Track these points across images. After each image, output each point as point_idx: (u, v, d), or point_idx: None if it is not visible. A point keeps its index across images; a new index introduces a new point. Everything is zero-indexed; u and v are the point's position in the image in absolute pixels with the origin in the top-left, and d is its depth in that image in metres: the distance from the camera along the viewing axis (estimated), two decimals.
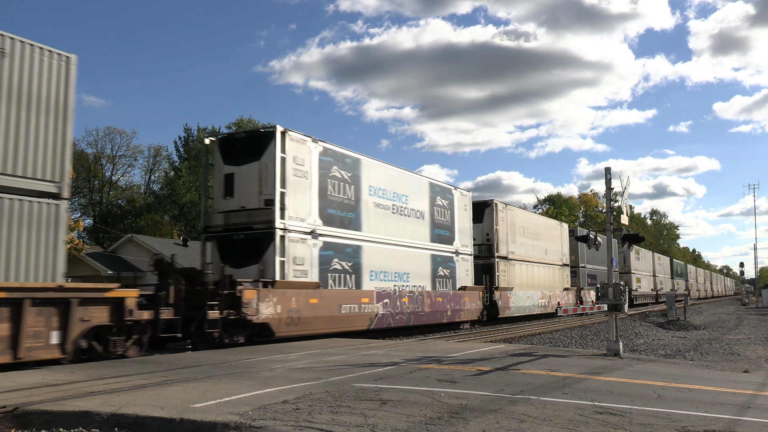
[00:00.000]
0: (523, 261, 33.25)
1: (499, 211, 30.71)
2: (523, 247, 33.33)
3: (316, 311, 17.66)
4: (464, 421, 6.53)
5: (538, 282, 35.07)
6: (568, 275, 40.24)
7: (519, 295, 31.77)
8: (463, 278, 26.58)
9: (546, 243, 36.75)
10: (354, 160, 20.32)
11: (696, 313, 46.32)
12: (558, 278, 38.37)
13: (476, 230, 29.58)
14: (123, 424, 6.57)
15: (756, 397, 8.96)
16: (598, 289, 14.14)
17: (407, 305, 22.02)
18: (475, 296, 27.05)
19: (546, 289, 35.94)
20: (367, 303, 19.98)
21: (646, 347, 20.15)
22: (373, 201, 21.00)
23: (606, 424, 6.55)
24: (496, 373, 10.27)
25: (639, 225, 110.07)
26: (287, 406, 7.09)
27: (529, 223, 34.80)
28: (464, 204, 27.41)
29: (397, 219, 22.29)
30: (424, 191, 24.32)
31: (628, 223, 15.57)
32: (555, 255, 38.16)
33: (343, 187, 19.57)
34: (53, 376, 9.62)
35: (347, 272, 19.39)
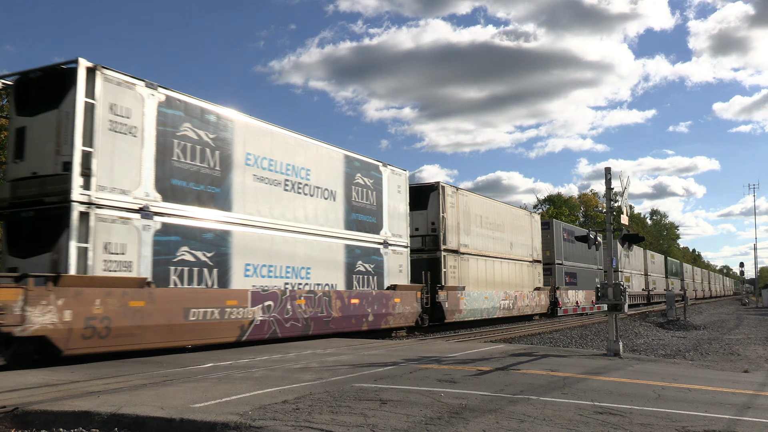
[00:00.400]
0: (480, 256, 28.46)
1: (447, 195, 25.81)
2: (480, 239, 28.55)
3: (142, 319, 12.65)
4: (464, 421, 6.53)
5: (500, 280, 30.28)
6: (540, 273, 35.52)
7: (473, 295, 26.82)
8: (395, 275, 21.83)
9: (512, 236, 32.12)
10: (221, 119, 15.38)
11: (696, 313, 46.32)
12: (527, 276, 33.76)
13: (418, 218, 25.32)
14: (123, 424, 6.57)
15: (756, 397, 8.96)
16: (597, 289, 14.11)
17: (304, 309, 17.05)
18: (410, 297, 22.13)
19: (511, 288, 31.20)
20: (236, 306, 14.87)
21: (646, 347, 20.14)
22: (253, 173, 16.07)
23: (606, 424, 6.55)
24: (496, 373, 10.27)
25: (639, 225, 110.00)
26: (287, 406, 7.09)
27: (489, 212, 29.96)
28: (398, 185, 22.64)
29: (293, 198, 17.38)
30: (335, 165, 19.33)
31: (628, 223, 15.56)
32: (523, 249, 33.59)
33: (202, 153, 14.62)
34: (53, 376, 9.62)
35: (205, 266, 14.35)
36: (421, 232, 25.49)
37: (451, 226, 26.03)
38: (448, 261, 25.49)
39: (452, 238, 25.98)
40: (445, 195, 25.70)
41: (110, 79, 12.84)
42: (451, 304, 24.80)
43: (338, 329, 18.37)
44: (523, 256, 33.47)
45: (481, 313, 27.56)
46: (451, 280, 25.45)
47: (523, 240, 33.79)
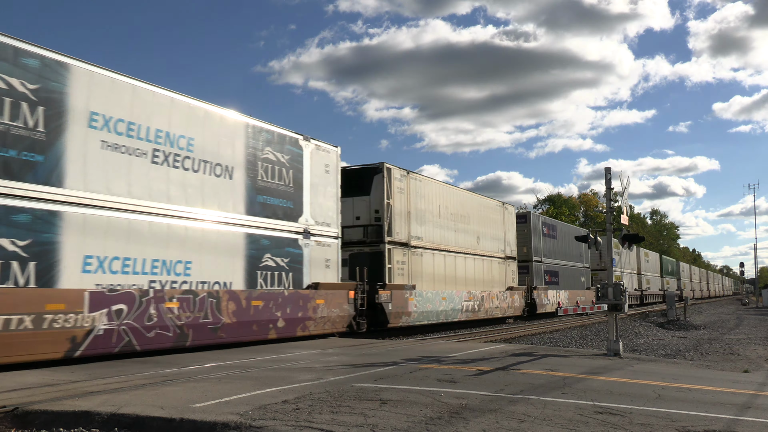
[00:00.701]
0: (439, 250, 24.73)
1: (395, 179, 22.18)
2: (439, 231, 24.85)
3: None
4: (464, 421, 6.53)
5: (463, 279, 26.50)
6: (514, 271, 32.12)
7: (427, 295, 23.16)
8: (320, 271, 17.94)
9: (479, 228, 28.35)
10: (50, 65, 11.71)
11: (696, 313, 46.31)
12: (498, 274, 30.01)
13: (360, 205, 21.83)
14: (123, 424, 6.57)
15: (756, 397, 8.96)
16: (598, 289, 14.11)
17: (177, 314, 13.43)
18: (338, 298, 18.26)
19: (477, 287, 27.44)
20: (63, 312, 11.25)
21: (646, 347, 20.15)
22: (101, 138, 12.48)
23: (606, 424, 6.55)
24: (496, 372, 10.27)
25: (639, 225, 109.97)
26: (287, 406, 7.09)
27: (450, 201, 26.15)
28: (325, 164, 18.65)
29: (166, 173, 13.77)
30: (233, 136, 15.73)
31: (629, 223, 15.56)
32: (493, 244, 29.76)
33: (14, 107, 11.08)
34: (53, 375, 9.62)
35: (14, 258, 10.78)
36: (362, 221, 21.84)
37: (400, 214, 22.23)
38: (395, 255, 21.75)
39: (401, 228, 22.23)
40: (392, 178, 21.98)
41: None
42: (397, 306, 21.07)
43: (232, 338, 14.68)
44: (494, 252, 29.80)
45: (438, 316, 23.86)
46: (398, 278, 21.81)
47: (494, 234, 30.05)
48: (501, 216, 31.26)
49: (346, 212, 20.82)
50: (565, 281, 39.36)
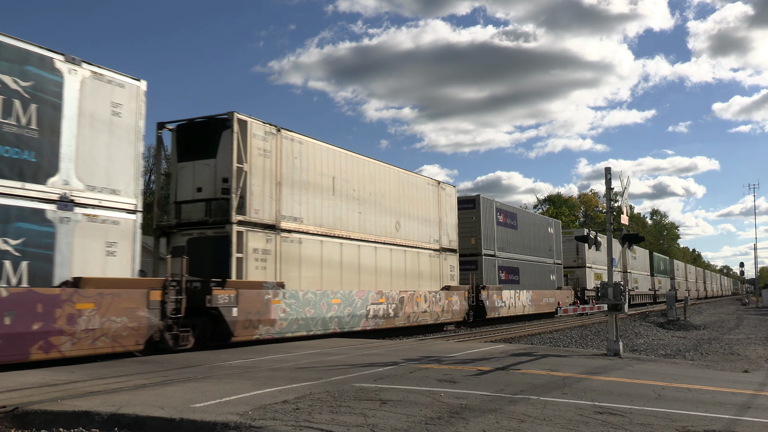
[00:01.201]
0: (331, 237, 18.72)
1: (254, 137, 16.10)
2: (332, 211, 18.87)
3: None
4: (464, 421, 6.53)
5: (372, 274, 20.84)
6: (454, 266, 26.15)
7: (305, 297, 17.13)
8: (96, 261, 12.26)
9: (401, 211, 22.56)
10: None
11: (696, 313, 46.31)
12: (429, 270, 24.21)
13: (202, 172, 16.24)
14: (123, 424, 6.58)
15: (756, 397, 8.96)
16: (598, 288, 14.10)
17: None
18: (125, 301, 12.27)
19: (395, 286, 21.80)
20: None
21: (646, 347, 20.15)
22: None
23: (606, 424, 6.55)
24: (496, 372, 10.27)
25: (639, 225, 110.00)
26: (287, 406, 7.09)
27: (352, 173, 20.01)
28: (113, 102, 12.94)
29: None
30: None
31: (629, 223, 15.57)
32: (422, 232, 23.81)
33: None
34: (53, 376, 9.62)
35: None
36: (206, 193, 16.14)
37: (262, 185, 16.27)
38: (251, 240, 15.81)
39: (263, 204, 16.28)
40: (248, 136, 15.97)
41: None
42: (249, 311, 15.25)
43: None
44: (422, 242, 23.82)
45: (325, 324, 17.91)
46: (257, 272, 15.94)
47: (424, 219, 24.07)
48: (434, 197, 25.04)
49: (184, 182, 16.32)
50: (528, 279, 34.10)
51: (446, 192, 26.31)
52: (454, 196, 26.91)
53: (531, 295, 33.62)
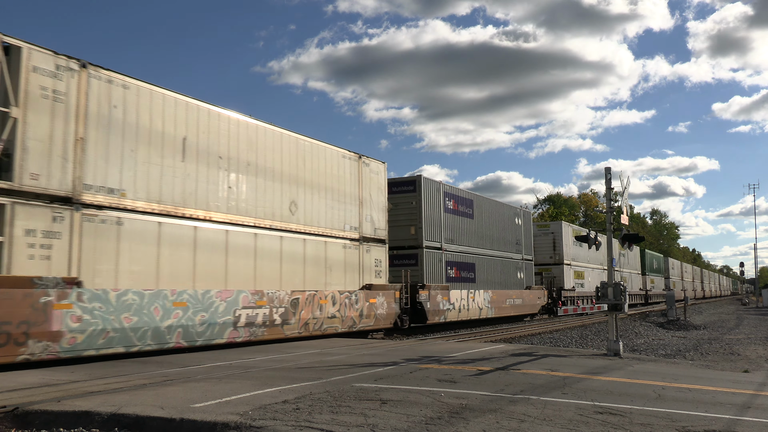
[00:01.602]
0: (180, 219, 14.11)
1: (34, 71, 11.47)
2: (181, 182, 14.22)
3: None
4: (464, 421, 6.53)
5: (250, 270, 15.70)
6: (382, 261, 21.04)
7: (121, 302, 12.42)
8: None
9: (302, 185, 17.64)
10: None
11: (696, 313, 46.31)
12: (342, 265, 18.97)
13: None
14: (123, 424, 6.58)
15: (756, 397, 8.96)
16: (597, 288, 14.09)
17: None
18: None
19: (288, 286, 16.72)
20: None
21: (646, 347, 20.15)
22: None
23: (606, 424, 6.55)
24: (496, 372, 10.27)
25: (639, 225, 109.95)
26: (287, 406, 7.09)
27: (218, 135, 15.30)
28: None
29: None
30: None
31: (629, 223, 15.57)
32: (333, 217, 18.72)
33: None
34: (53, 376, 9.62)
35: None
36: None
37: (48, 141, 11.65)
38: (23, 219, 11.11)
39: (50, 167, 11.63)
40: (21, 69, 11.37)
41: None
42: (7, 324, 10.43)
43: None
44: (332, 229, 18.60)
45: (160, 337, 13.12)
46: (30, 264, 11.13)
47: (336, 200, 18.94)
48: (353, 174, 19.97)
49: None
50: (487, 277, 28.96)
51: (371, 169, 20.88)
52: (382, 175, 21.57)
53: (490, 296, 28.49)
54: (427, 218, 24.55)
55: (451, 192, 26.81)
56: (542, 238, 38.49)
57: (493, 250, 30.06)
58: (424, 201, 24.41)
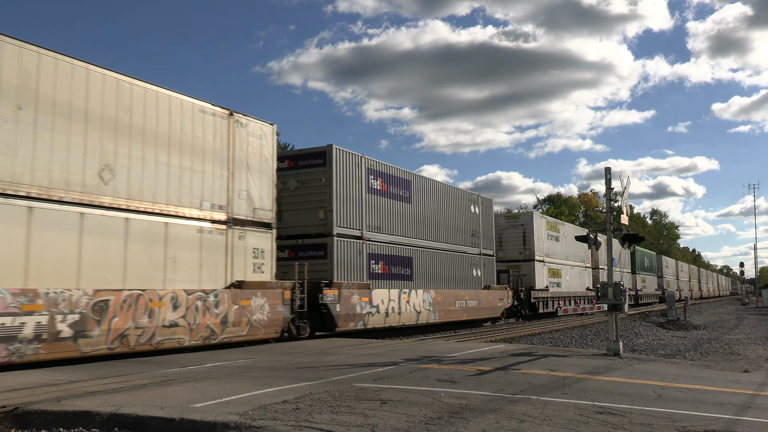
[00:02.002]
0: None
1: None
2: None
3: None
4: (464, 421, 6.53)
5: (21, 259, 10.89)
6: (265, 251, 16.42)
7: None
8: None
9: (125, 145, 12.98)
10: None
11: (696, 313, 46.32)
12: (197, 256, 14.47)
13: None
14: (123, 424, 6.58)
15: (756, 397, 8.97)
16: (598, 289, 14.10)
17: None
18: None
19: (86, 284, 11.85)
20: None
21: (646, 347, 20.15)
22: None
23: (606, 424, 6.55)
24: (496, 372, 10.27)
25: (639, 225, 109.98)
26: (287, 406, 7.09)
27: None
28: None
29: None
30: None
31: (629, 223, 15.58)
32: (180, 189, 14.22)
33: None
34: (53, 376, 9.62)
35: None
36: None
37: None
38: None
39: None
40: None
41: None
42: None
43: None
44: (181, 207, 14.10)
45: None
46: None
47: (188, 168, 14.32)
48: (221, 136, 15.39)
49: None
50: (429, 274, 23.96)
51: (249, 131, 16.27)
52: (269, 140, 16.88)
53: (433, 297, 23.43)
54: (342, 199, 19.62)
55: (378, 169, 21.43)
56: (511, 231, 34.20)
57: (439, 242, 24.80)
58: (338, 177, 19.50)
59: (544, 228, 35.60)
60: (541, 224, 35.44)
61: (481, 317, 27.91)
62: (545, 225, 36.10)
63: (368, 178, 21.02)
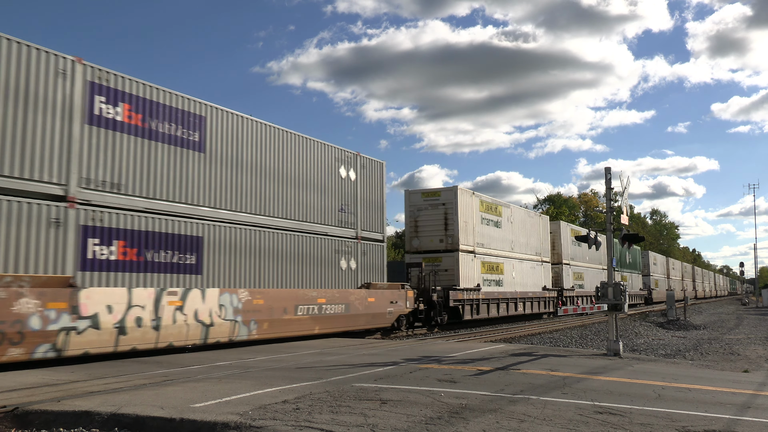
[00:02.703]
0: None
1: None
2: None
3: None
4: (464, 420, 6.54)
5: None
6: None
7: None
8: None
9: None
10: None
11: (696, 313, 46.32)
12: None
13: None
14: (123, 424, 6.58)
15: (756, 397, 8.97)
16: (597, 288, 14.08)
17: None
18: None
19: None
20: None
21: (646, 347, 20.15)
22: None
23: (606, 424, 6.55)
24: (496, 372, 10.27)
25: (639, 225, 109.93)
26: (287, 406, 7.09)
27: None
28: None
29: None
30: None
31: (629, 223, 15.57)
32: None
33: None
34: (53, 376, 9.62)
35: None
36: None
37: None
38: None
39: None
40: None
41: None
42: None
43: None
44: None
45: None
46: None
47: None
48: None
49: None
50: (236, 264, 15.62)
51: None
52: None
53: (244, 299, 15.37)
54: (19, 124, 11.43)
55: (121, 88, 13.35)
56: (429, 213, 26.23)
57: (265, 215, 16.71)
58: None
59: (475, 209, 27.64)
60: (472, 204, 27.34)
61: (353, 328, 19.49)
62: (478, 205, 27.97)
63: (91, 99, 12.66)
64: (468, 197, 27.21)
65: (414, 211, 26.47)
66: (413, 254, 26.15)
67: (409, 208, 26.37)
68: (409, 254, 26.35)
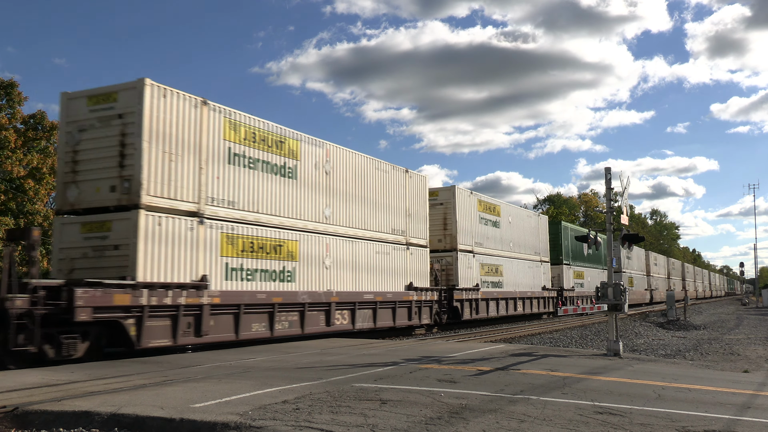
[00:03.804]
0: None
1: None
2: None
3: None
4: (464, 420, 6.54)
5: None
6: None
7: None
8: None
9: None
10: None
11: (696, 313, 46.31)
12: None
13: None
14: (123, 424, 6.58)
15: (756, 397, 8.97)
16: (597, 288, 14.08)
17: None
18: None
19: None
20: None
21: (646, 347, 20.14)
22: None
23: (606, 424, 6.55)
24: (496, 373, 10.27)
25: (639, 225, 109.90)
26: (287, 406, 7.09)
27: None
28: None
29: None
30: None
31: (629, 223, 15.58)
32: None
33: None
34: (53, 376, 9.62)
35: None
36: None
37: None
38: None
39: None
40: None
41: None
42: None
43: None
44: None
45: None
46: None
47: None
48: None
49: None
50: None
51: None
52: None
53: None
54: None
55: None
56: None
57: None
58: None
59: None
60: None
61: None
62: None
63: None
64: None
65: None
66: None
67: None
68: None
